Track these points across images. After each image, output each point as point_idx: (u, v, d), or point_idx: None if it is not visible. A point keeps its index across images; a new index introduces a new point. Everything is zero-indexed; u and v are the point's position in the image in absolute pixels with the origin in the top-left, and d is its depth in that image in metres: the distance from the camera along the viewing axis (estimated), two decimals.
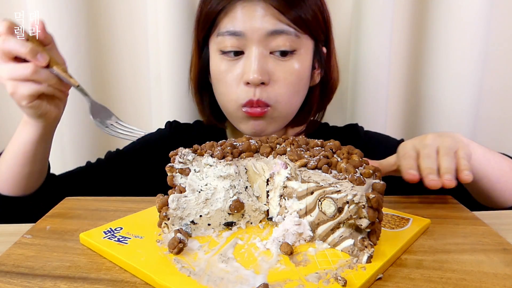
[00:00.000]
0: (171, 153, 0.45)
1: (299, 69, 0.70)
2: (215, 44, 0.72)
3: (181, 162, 0.43)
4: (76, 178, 0.75)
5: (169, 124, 0.88)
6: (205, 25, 0.73)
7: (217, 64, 0.72)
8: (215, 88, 0.75)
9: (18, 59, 0.55)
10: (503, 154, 0.66)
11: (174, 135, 0.86)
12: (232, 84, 0.70)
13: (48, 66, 0.55)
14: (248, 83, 0.68)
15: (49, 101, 0.59)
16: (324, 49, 0.77)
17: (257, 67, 0.67)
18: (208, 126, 0.87)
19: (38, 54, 0.55)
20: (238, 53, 0.70)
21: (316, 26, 0.71)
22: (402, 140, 0.82)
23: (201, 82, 0.80)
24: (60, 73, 0.56)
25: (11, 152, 0.63)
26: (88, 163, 0.81)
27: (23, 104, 0.56)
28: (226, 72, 0.71)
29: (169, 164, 0.44)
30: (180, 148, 0.45)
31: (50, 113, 0.60)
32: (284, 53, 0.69)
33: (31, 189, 0.65)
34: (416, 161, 0.53)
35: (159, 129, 0.89)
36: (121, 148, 0.85)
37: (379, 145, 0.80)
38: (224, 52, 0.71)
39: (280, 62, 0.69)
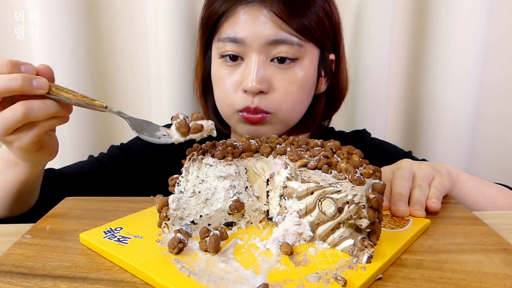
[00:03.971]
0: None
1: (301, 78, 0.69)
2: (216, 49, 0.71)
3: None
4: (78, 174, 0.73)
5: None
6: (207, 28, 0.73)
7: (217, 68, 0.72)
8: (214, 91, 0.75)
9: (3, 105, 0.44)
10: (504, 185, 0.65)
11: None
12: (230, 89, 0.69)
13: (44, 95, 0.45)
14: (246, 91, 0.67)
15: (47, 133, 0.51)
16: (332, 56, 0.75)
17: (256, 76, 0.65)
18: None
19: (33, 81, 0.44)
20: (237, 58, 0.69)
21: (321, 34, 0.69)
22: (409, 152, 0.82)
23: (205, 85, 0.79)
24: (74, 98, 0.46)
25: (4, 186, 0.55)
26: (91, 157, 0.79)
27: (30, 151, 0.48)
28: (225, 77, 0.70)
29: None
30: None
31: (53, 147, 0.52)
32: (283, 60, 0.67)
33: (26, 209, 0.60)
34: (389, 183, 0.53)
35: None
36: (124, 142, 0.84)
37: (385, 154, 0.79)
38: (223, 56, 0.70)
39: (281, 70, 0.68)
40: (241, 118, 0.70)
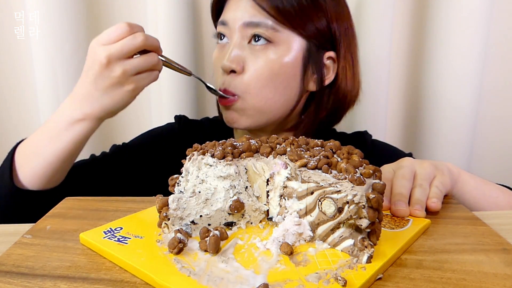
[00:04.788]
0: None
1: (274, 63, 0.69)
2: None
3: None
4: (80, 172, 0.74)
5: (178, 118, 0.88)
6: (212, 17, 0.79)
7: (214, 51, 0.76)
8: None
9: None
10: (505, 186, 0.65)
11: (184, 132, 0.86)
12: (217, 70, 0.73)
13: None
14: (223, 69, 0.70)
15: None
16: (331, 54, 0.73)
17: (230, 55, 0.69)
18: (216, 124, 0.87)
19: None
20: (224, 37, 0.73)
21: (307, 26, 0.69)
22: (410, 154, 0.81)
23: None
24: (172, 62, 0.66)
25: (56, 149, 0.62)
26: (93, 155, 0.80)
27: (134, 95, 0.62)
28: (216, 58, 0.74)
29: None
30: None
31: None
32: (258, 39, 0.69)
33: (60, 181, 0.66)
34: (390, 182, 0.53)
35: (168, 124, 0.89)
36: (126, 142, 0.85)
37: (385, 156, 0.77)
38: (217, 37, 0.75)
39: (255, 52, 0.69)
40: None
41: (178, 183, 0.43)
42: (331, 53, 0.74)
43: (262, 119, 0.73)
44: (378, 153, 0.80)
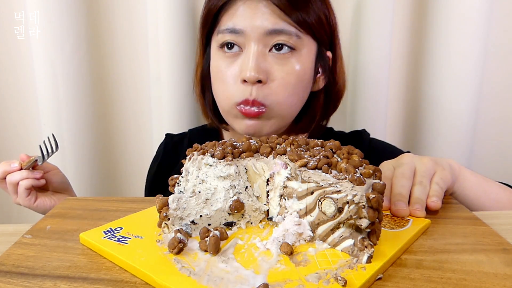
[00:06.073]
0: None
1: (298, 70, 0.69)
2: (216, 42, 0.72)
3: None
4: None
5: (164, 139, 0.91)
6: (207, 23, 0.73)
7: (216, 61, 0.72)
8: (213, 85, 0.75)
9: None
10: (504, 183, 0.65)
11: (166, 151, 0.89)
12: (229, 81, 0.69)
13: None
14: (245, 81, 0.67)
15: (40, 193, 0.73)
16: (329, 54, 0.76)
17: (254, 65, 0.66)
18: (201, 135, 0.87)
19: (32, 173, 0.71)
20: (234, 46, 0.69)
21: (319, 28, 0.70)
22: (408, 153, 0.81)
23: (204, 82, 0.79)
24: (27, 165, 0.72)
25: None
26: None
27: (25, 198, 0.71)
28: (224, 69, 0.70)
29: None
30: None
31: (44, 202, 0.73)
32: (280, 48, 0.67)
33: None
34: (390, 181, 0.52)
35: (157, 149, 0.93)
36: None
37: (383, 154, 0.77)
38: (222, 46, 0.70)
39: (279, 61, 0.68)
40: (239, 113, 0.69)
41: (178, 183, 0.44)
42: (329, 53, 0.76)
43: (283, 122, 0.73)
44: (376, 151, 0.79)
